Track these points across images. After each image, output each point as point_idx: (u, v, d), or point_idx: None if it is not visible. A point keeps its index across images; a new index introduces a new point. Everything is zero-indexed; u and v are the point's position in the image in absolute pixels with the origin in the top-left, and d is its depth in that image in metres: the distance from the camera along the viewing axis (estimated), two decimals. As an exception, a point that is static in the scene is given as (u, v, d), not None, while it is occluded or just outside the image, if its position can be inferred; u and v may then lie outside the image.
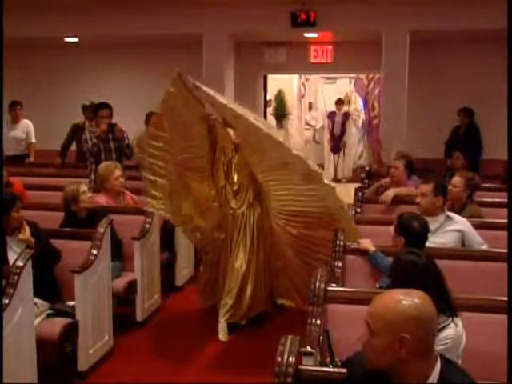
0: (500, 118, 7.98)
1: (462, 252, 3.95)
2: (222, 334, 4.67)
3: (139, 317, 4.92)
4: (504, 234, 4.15)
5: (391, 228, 3.68)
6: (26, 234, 3.97)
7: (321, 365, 2.79)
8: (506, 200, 5.08)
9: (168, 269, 5.54)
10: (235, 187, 4.89)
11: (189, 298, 5.51)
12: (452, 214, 4.26)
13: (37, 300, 3.78)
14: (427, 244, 3.83)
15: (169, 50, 9.63)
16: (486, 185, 5.80)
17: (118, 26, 8.35)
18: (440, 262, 2.92)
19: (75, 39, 9.20)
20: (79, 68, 10.01)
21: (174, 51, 9.64)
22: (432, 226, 4.15)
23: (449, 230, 4.17)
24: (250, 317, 4.85)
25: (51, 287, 4.07)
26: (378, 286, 3.50)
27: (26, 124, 8.23)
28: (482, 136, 8.34)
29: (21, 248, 3.83)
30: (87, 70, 10.01)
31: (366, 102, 12.06)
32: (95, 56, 9.93)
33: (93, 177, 6.01)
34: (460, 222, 4.21)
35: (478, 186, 5.14)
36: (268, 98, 11.64)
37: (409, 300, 1.86)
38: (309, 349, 2.78)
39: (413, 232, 3.54)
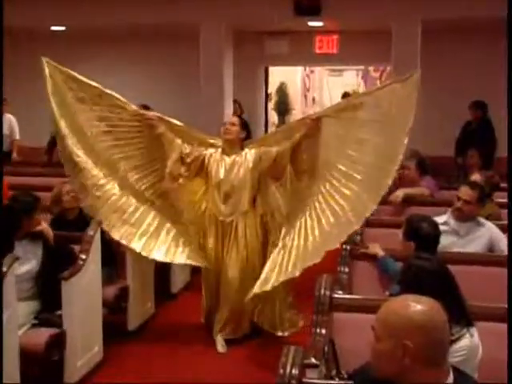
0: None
1: (478, 257, 3.95)
2: (221, 346, 4.67)
3: (131, 326, 4.92)
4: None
5: (400, 232, 3.69)
6: (43, 224, 4.08)
7: (326, 377, 2.79)
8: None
9: (162, 275, 5.53)
10: (225, 188, 4.68)
11: (184, 306, 5.52)
12: (482, 220, 4.30)
13: (22, 308, 3.78)
14: (455, 249, 3.84)
15: (163, 40, 9.64)
16: (502, 184, 5.80)
17: (108, 15, 8.35)
18: (454, 268, 2.92)
19: (62, 28, 9.22)
20: (67, 59, 9.88)
21: (169, 42, 9.66)
22: (461, 231, 4.19)
23: (477, 236, 4.22)
24: (248, 332, 4.80)
25: (55, 292, 4.05)
26: (388, 293, 3.50)
27: (9, 119, 8.24)
28: (495, 131, 8.33)
29: (26, 256, 3.91)
30: (75, 61, 9.96)
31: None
32: (84, 46, 9.94)
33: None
34: (489, 227, 4.25)
35: (498, 185, 5.15)
36: (269, 91, 11.65)
37: (416, 306, 1.88)
38: (313, 360, 2.78)
39: (423, 235, 3.54)
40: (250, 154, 4.73)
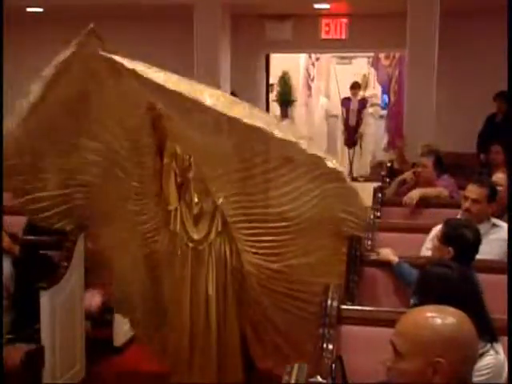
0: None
1: (489, 264, 3.87)
2: None
3: (117, 342, 4.93)
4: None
5: (432, 235, 3.67)
6: (6, 240, 4.01)
7: (333, 398, 2.80)
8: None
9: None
10: (195, 211, 4.13)
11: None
12: (498, 222, 4.29)
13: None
14: None
15: (152, 24, 9.62)
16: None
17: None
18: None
19: (39, 9, 9.22)
20: (44, 43, 10.00)
21: (159, 26, 9.65)
22: None
23: (494, 239, 4.19)
24: None
25: (32, 304, 4.04)
26: (412, 302, 3.50)
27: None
28: None
29: None
30: (53, 45, 9.99)
31: (387, 86, 12.09)
32: (64, 30, 9.86)
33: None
34: (504, 229, 4.23)
35: None
36: (271, 81, 11.66)
37: (444, 318, 1.87)
38: (319, 379, 2.79)
39: (465, 242, 3.54)
40: None
